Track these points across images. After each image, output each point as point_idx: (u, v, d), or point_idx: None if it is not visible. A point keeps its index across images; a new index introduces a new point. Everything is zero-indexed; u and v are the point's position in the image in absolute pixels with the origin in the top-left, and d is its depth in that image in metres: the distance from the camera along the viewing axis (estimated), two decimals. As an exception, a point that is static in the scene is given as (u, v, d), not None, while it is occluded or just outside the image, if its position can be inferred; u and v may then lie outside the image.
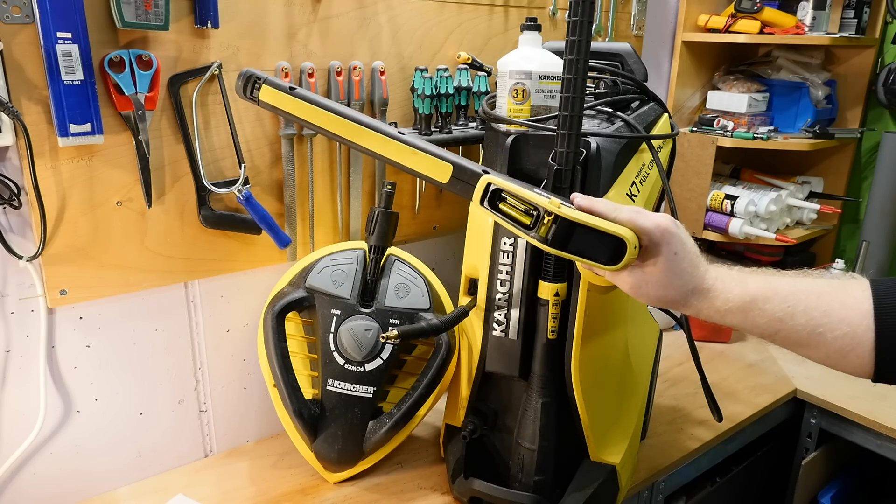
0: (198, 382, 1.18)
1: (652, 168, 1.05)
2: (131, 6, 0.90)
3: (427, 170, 0.81)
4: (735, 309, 0.75)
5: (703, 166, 1.71)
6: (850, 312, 0.71)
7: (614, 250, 0.73)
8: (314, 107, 0.84)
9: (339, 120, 0.83)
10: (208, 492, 1.11)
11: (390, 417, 1.10)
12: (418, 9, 1.25)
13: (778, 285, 0.75)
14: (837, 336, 0.71)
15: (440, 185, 0.81)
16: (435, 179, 0.81)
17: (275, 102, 0.85)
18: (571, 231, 0.74)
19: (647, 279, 0.76)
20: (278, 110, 0.85)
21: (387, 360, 1.09)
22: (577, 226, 0.74)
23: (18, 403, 1.01)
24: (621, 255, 0.73)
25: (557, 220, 0.74)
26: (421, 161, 0.81)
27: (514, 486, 1.04)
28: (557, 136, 0.87)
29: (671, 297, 0.76)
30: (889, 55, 1.80)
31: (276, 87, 0.85)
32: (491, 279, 1.02)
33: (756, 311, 0.74)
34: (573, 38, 0.81)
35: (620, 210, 0.75)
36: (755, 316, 0.74)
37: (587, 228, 0.74)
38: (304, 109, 0.84)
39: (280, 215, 1.17)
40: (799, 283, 0.75)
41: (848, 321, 0.71)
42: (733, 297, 0.75)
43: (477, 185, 0.79)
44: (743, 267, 0.78)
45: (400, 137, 0.82)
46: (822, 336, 0.72)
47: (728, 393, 1.47)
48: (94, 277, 1.01)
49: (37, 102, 0.90)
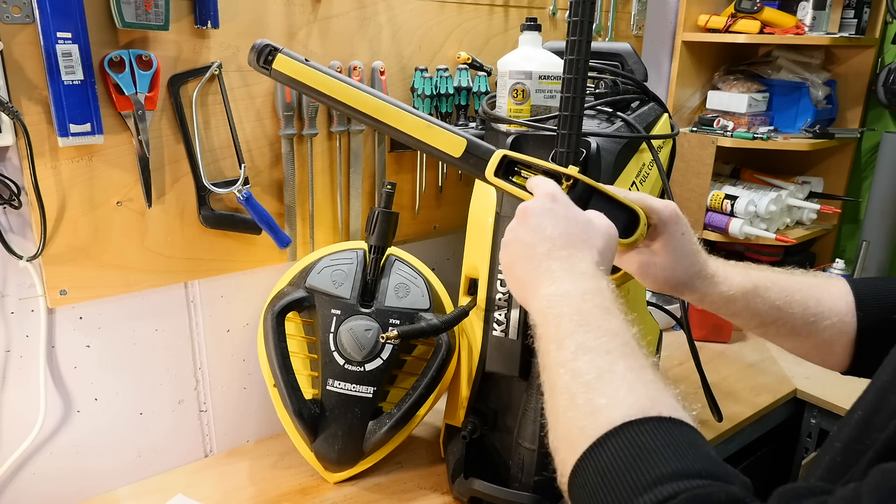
0: (198, 382, 1.18)
1: (652, 168, 1.05)
2: (131, 6, 0.90)
3: (440, 143, 0.80)
4: (739, 295, 0.76)
5: (703, 166, 1.71)
6: (838, 303, 0.76)
7: (628, 222, 0.73)
8: (328, 77, 0.82)
9: (351, 91, 0.82)
10: (208, 492, 1.11)
11: (390, 417, 1.10)
12: (418, 9, 1.25)
13: (775, 276, 0.79)
14: (828, 325, 0.75)
15: (451, 161, 0.80)
16: (447, 153, 0.80)
17: (290, 72, 0.83)
18: (589, 197, 0.74)
19: (655, 259, 0.76)
20: (292, 81, 0.83)
21: (387, 360, 1.09)
22: (594, 191, 0.74)
23: (18, 403, 1.00)
24: (634, 228, 0.73)
25: (576, 184, 0.74)
26: (434, 135, 0.80)
27: (514, 486, 1.04)
28: (557, 136, 0.87)
29: (678, 277, 0.76)
30: (889, 55, 1.80)
31: (291, 58, 0.83)
32: (491, 279, 1.02)
33: (758, 299, 0.76)
34: (573, 38, 0.81)
35: (628, 192, 0.76)
36: (757, 303, 0.76)
37: (603, 196, 0.74)
38: (318, 79, 0.83)
39: (280, 215, 1.17)
40: (793, 276, 0.79)
41: (837, 311, 0.75)
42: (736, 283, 0.77)
43: (492, 158, 0.78)
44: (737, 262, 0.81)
45: (413, 111, 0.81)
46: (814, 325, 0.75)
47: (728, 393, 1.47)
48: (94, 277, 1.01)
49: (37, 102, 0.90)
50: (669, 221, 0.74)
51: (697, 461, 0.45)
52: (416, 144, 0.81)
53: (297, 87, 0.84)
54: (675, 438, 0.47)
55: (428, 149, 0.81)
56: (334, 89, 0.82)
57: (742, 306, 0.77)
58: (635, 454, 0.46)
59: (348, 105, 0.82)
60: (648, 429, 0.47)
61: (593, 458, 0.48)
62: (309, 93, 0.84)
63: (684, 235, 0.76)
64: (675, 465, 0.44)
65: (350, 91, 0.82)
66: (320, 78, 0.83)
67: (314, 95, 0.84)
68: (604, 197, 0.74)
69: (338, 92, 0.82)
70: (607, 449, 0.47)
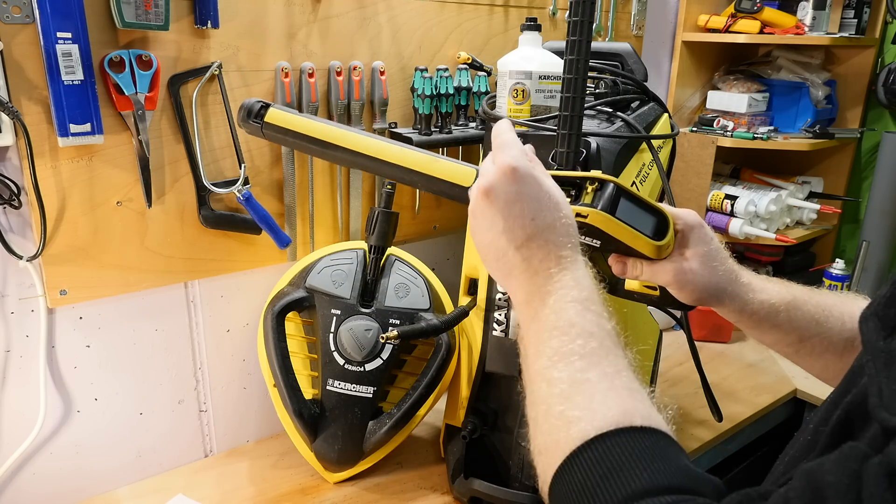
0: (198, 382, 1.18)
1: (652, 168, 1.05)
2: (131, 6, 0.90)
3: (449, 175, 0.75)
4: (781, 305, 0.74)
5: (703, 166, 1.71)
6: None
7: (656, 226, 0.71)
8: (324, 124, 0.79)
9: (349, 135, 0.78)
10: (208, 492, 1.11)
11: (390, 417, 1.10)
12: (418, 9, 1.25)
13: (809, 291, 0.76)
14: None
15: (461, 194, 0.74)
16: (458, 184, 0.74)
17: (283, 123, 0.79)
18: (618, 198, 0.70)
19: (690, 265, 0.73)
20: (287, 132, 0.79)
21: (387, 360, 1.09)
22: (622, 192, 0.70)
23: (18, 403, 1.00)
24: (663, 231, 0.71)
25: (602, 186, 0.71)
26: (442, 168, 0.76)
27: (514, 486, 1.04)
28: (557, 136, 0.87)
29: (716, 283, 0.73)
30: (889, 55, 1.80)
31: (283, 110, 0.80)
32: (491, 279, 1.02)
33: (799, 311, 0.74)
34: (573, 38, 0.81)
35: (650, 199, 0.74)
36: (798, 316, 0.74)
37: (631, 196, 0.71)
38: (313, 127, 0.79)
39: (280, 215, 1.17)
40: (823, 293, 0.77)
41: None
42: (776, 293, 0.74)
43: None
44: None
45: (416, 148, 0.77)
46: (850, 342, 0.73)
47: (728, 393, 1.47)
48: (94, 277, 1.01)
49: (37, 102, 0.90)
50: (696, 226, 0.73)
51: (668, 475, 0.45)
52: (422, 182, 0.77)
53: (292, 141, 0.80)
54: (646, 451, 0.46)
55: (436, 185, 0.76)
56: (331, 135, 0.78)
57: (784, 318, 0.74)
58: (607, 470, 0.46)
59: (347, 149, 0.78)
60: (620, 441, 0.47)
61: (567, 473, 0.48)
62: (303, 144, 0.80)
63: (713, 240, 0.74)
64: (645, 481, 0.44)
65: (348, 135, 0.78)
66: (315, 126, 0.79)
67: (309, 146, 0.80)
68: (632, 199, 0.71)
69: (335, 137, 0.78)
70: (580, 463, 0.47)
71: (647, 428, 0.48)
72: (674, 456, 0.47)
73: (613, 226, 0.70)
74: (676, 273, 0.73)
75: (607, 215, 0.69)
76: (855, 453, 0.39)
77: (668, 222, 0.71)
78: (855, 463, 0.39)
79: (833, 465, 0.40)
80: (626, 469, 0.45)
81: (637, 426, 0.48)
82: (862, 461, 0.39)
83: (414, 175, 0.76)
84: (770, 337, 0.77)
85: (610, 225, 0.70)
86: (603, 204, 0.70)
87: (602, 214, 0.69)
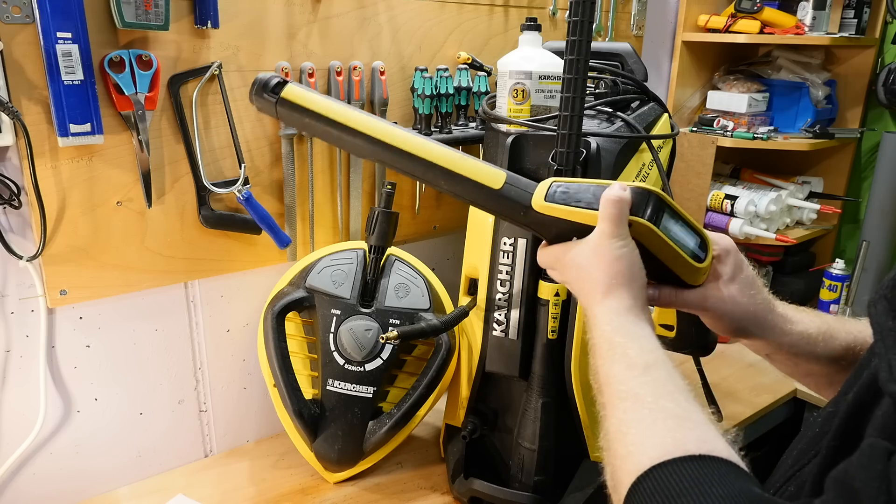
0: (198, 382, 1.18)
1: (652, 168, 1.05)
2: (131, 6, 0.90)
3: (476, 175, 0.71)
4: (818, 335, 0.71)
5: (703, 166, 1.71)
6: None
7: (695, 247, 0.67)
8: (343, 106, 0.73)
9: (371, 120, 0.72)
10: (208, 492, 1.11)
11: (390, 417, 1.10)
12: (418, 9, 1.25)
13: (840, 321, 0.74)
14: None
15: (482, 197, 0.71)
16: (485, 185, 0.70)
17: (301, 101, 0.72)
18: (661, 212, 0.65)
19: (730, 292, 0.69)
20: (303, 111, 0.72)
21: (387, 360, 1.09)
22: (664, 205, 0.66)
23: (18, 403, 1.00)
24: (703, 253, 0.67)
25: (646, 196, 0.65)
26: (469, 167, 0.71)
27: (514, 486, 1.04)
28: (558, 136, 0.87)
29: (755, 311, 0.70)
30: (889, 55, 1.80)
31: (302, 87, 0.74)
32: (491, 279, 1.02)
33: (835, 340, 0.71)
34: (573, 38, 0.81)
35: None
36: (834, 344, 0.71)
37: (674, 211, 0.66)
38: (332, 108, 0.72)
39: (280, 215, 1.17)
40: (849, 320, 0.74)
41: None
42: (811, 322, 0.72)
43: (539, 185, 0.70)
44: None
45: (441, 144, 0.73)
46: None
47: (728, 393, 1.47)
48: (94, 277, 1.01)
49: (37, 102, 0.90)
50: (731, 250, 0.70)
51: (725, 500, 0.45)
52: (444, 179, 0.71)
53: (308, 122, 0.73)
54: (701, 478, 0.46)
55: (459, 183, 0.71)
56: (352, 119, 0.71)
57: (822, 350, 0.71)
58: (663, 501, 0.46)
59: (368, 136, 0.71)
60: (675, 471, 0.47)
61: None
62: (320, 127, 0.72)
63: (747, 265, 0.71)
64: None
65: (370, 122, 0.72)
66: (336, 108, 0.72)
67: (326, 129, 0.72)
68: (674, 213, 0.66)
69: (356, 122, 0.71)
70: (639, 496, 0.48)
71: (702, 455, 0.48)
72: (732, 480, 0.46)
73: (657, 240, 0.64)
74: (714, 301, 0.69)
75: (652, 226, 0.64)
76: (877, 452, 0.40)
77: (708, 244, 0.67)
78: (879, 462, 0.39)
79: (858, 469, 0.40)
80: (682, 498, 0.45)
81: (692, 454, 0.48)
82: (886, 459, 0.39)
83: (436, 172, 0.71)
84: (805, 369, 0.74)
85: (654, 239, 0.64)
86: (649, 214, 0.64)
87: (647, 225, 0.64)
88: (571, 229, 0.67)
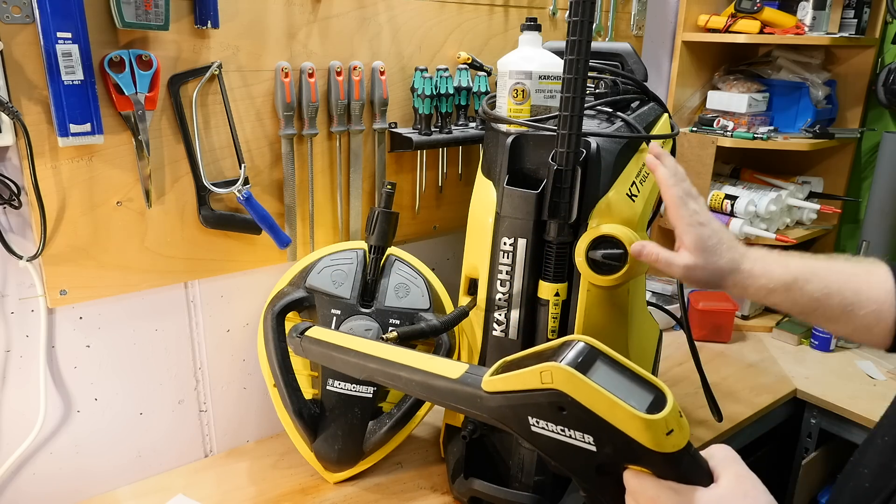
0: (198, 382, 1.18)
1: (652, 168, 1.05)
2: (131, 6, 0.90)
3: (440, 370, 0.75)
4: (780, 288, 0.81)
5: (703, 166, 1.71)
6: (877, 292, 0.78)
7: (653, 402, 0.60)
8: (360, 339, 0.86)
9: (386, 348, 0.82)
10: (208, 492, 1.11)
11: (390, 417, 1.10)
12: (418, 9, 1.25)
13: (815, 266, 0.82)
14: (867, 313, 0.78)
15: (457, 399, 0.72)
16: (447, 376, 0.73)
17: (323, 337, 0.89)
18: (593, 359, 0.63)
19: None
20: (324, 345, 0.88)
21: (387, 360, 1.09)
22: (599, 354, 0.63)
23: (18, 403, 1.00)
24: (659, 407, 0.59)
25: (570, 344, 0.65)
26: (440, 367, 0.75)
27: (514, 486, 1.04)
28: (557, 136, 0.87)
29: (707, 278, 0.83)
30: (889, 55, 1.80)
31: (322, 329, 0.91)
32: (491, 279, 1.02)
33: (797, 292, 0.81)
34: (573, 38, 0.81)
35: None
36: (797, 296, 0.81)
37: (616, 363, 0.63)
38: (351, 341, 0.86)
39: (280, 215, 1.17)
40: (833, 265, 0.82)
41: (875, 299, 0.78)
42: (776, 276, 0.81)
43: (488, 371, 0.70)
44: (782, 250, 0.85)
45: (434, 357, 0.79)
46: (852, 313, 0.79)
47: (728, 393, 1.46)
48: (94, 277, 1.01)
49: (37, 102, 0.90)
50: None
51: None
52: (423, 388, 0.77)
53: (328, 354, 0.88)
54: None
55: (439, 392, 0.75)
56: (371, 348, 0.83)
57: (782, 298, 0.82)
58: None
59: (385, 360, 0.80)
60: None
61: None
62: (339, 357, 0.86)
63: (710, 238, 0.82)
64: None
65: (385, 348, 0.82)
66: (354, 340, 0.85)
67: (346, 359, 0.85)
68: (616, 366, 0.62)
69: (373, 349, 0.82)
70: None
71: None
72: None
73: (586, 390, 0.59)
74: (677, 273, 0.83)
75: (576, 373, 0.59)
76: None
77: (667, 398, 0.59)
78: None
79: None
80: None
81: None
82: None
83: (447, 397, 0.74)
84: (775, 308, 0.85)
85: (581, 388, 0.59)
86: (570, 360, 0.60)
87: (568, 371, 0.59)
88: (524, 404, 0.64)
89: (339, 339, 0.88)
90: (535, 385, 0.62)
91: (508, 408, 0.66)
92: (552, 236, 0.94)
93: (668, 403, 0.58)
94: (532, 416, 0.64)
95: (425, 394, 0.78)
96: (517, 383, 0.64)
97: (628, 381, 0.61)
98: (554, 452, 0.63)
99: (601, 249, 0.92)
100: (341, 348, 0.86)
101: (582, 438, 0.61)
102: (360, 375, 0.85)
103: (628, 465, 0.60)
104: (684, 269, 0.83)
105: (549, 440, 0.63)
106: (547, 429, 0.63)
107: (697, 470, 0.60)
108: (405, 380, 0.77)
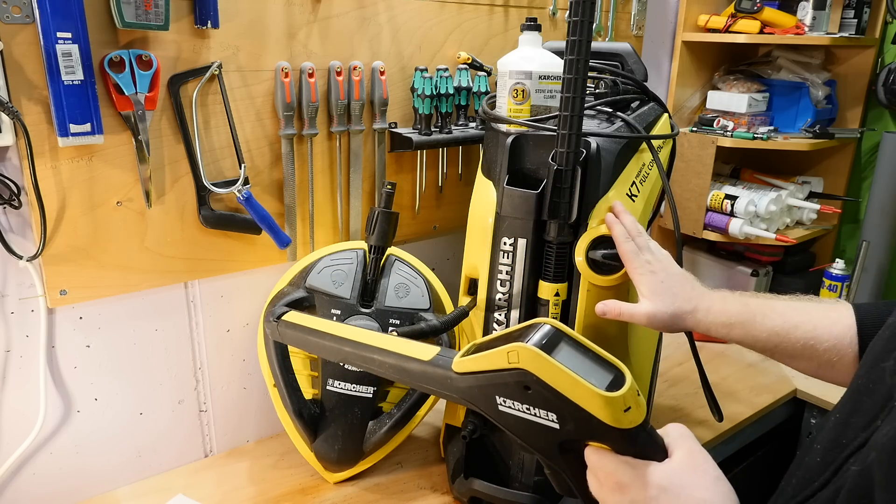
0: (198, 382, 1.18)
1: (652, 168, 1.05)
2: (131, 6, 0.90)
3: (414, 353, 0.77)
4: (738, 323, 0.84)
5: (703, 166, 1.71)
6: (837, 327, 0.81)
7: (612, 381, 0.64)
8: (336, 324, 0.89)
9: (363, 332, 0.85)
10: (208, 492, 1.11)
11: (390, 417, 1.10)
12: (418, 9, 1.25)
13: (774, 304, 0.86)
14: (827, 348, 0.80)
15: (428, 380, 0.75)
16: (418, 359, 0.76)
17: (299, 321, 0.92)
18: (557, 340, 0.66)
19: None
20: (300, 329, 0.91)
21: (387, 360, 1.09)
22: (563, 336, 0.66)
23: (18, 403, 1.00)
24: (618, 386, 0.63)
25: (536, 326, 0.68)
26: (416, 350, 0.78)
27: (514, 486, 1.04)
28: (557, 136, 0.87)
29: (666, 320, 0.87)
30: (889, 55, 1.80)
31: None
32: (491, 279, 1.02)
33: (757, 326, 0.84)
34: (573, 38, 0.81)
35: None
36: (757, 331, 0.84)
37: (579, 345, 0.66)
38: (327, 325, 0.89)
39: (280, 215, 1.17)
40: (791, 303, 0.86)
41: (835, 335, 0.81)
42: (734, 312, 0.85)
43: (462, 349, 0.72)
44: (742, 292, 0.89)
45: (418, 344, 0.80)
46: (813, 348, 0.81)
47: (728, 393, 1.47)
48: (94, 277, 1.01)
49: (37, 102, 0.90)
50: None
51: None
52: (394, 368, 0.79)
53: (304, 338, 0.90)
54: None
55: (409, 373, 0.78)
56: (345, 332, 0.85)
57: (742, 333, 0.85)
58: None
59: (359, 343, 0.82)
60: None
61: None
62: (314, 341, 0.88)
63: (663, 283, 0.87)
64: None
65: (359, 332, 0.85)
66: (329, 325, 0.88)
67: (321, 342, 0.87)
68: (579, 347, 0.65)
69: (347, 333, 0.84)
70: None
71: None
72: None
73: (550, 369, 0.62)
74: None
75: (540, 352, 0.62)
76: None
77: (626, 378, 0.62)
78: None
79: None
80: None
81: None
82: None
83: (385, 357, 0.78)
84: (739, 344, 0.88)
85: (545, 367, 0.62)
86: (535, 341, 0.63)
87: (533, 351, 0.62)
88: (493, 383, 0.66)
89: (314, 324, 0.89)
90: (502, 365, 0.65)
91: (477, 388, 0.69)
92: (552, 236, 0.94)
93: (626, 382, 0.62)
94: (500, 395, 0.67)
95: (398, 376, 0.79)
96: (486, 364, 0.67)
97: (590, 362, 0.64)
98: (520, 431, 0.67)
99: (601, 249, 0.92)
100: (317, 332, 0.87)
101: (546, 416, 0.64)
102: (336, 359, 0.87)
103: (589, 442, 0.64)
104: (647, 316, 0.86)
105: (516, 419, 0.67)
106: (513, 408, 0.66)
107: (653, 446, 0.63)
108: (378, 362, 0.79)
